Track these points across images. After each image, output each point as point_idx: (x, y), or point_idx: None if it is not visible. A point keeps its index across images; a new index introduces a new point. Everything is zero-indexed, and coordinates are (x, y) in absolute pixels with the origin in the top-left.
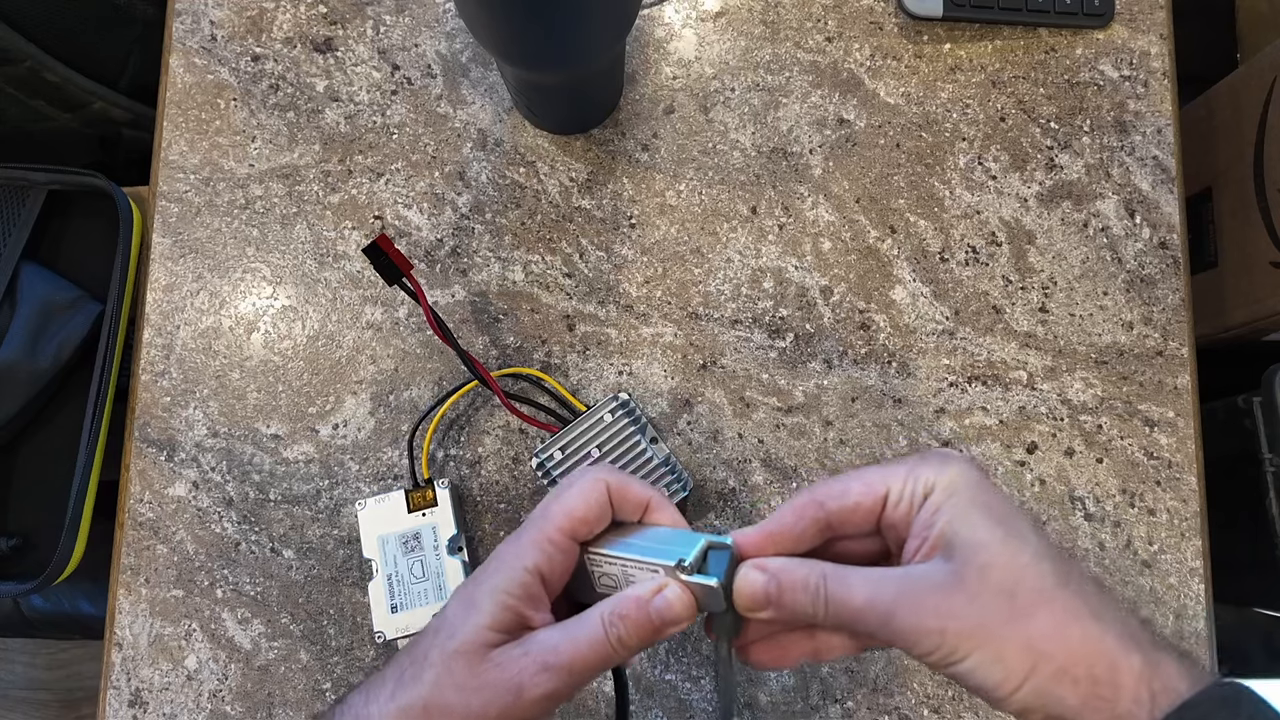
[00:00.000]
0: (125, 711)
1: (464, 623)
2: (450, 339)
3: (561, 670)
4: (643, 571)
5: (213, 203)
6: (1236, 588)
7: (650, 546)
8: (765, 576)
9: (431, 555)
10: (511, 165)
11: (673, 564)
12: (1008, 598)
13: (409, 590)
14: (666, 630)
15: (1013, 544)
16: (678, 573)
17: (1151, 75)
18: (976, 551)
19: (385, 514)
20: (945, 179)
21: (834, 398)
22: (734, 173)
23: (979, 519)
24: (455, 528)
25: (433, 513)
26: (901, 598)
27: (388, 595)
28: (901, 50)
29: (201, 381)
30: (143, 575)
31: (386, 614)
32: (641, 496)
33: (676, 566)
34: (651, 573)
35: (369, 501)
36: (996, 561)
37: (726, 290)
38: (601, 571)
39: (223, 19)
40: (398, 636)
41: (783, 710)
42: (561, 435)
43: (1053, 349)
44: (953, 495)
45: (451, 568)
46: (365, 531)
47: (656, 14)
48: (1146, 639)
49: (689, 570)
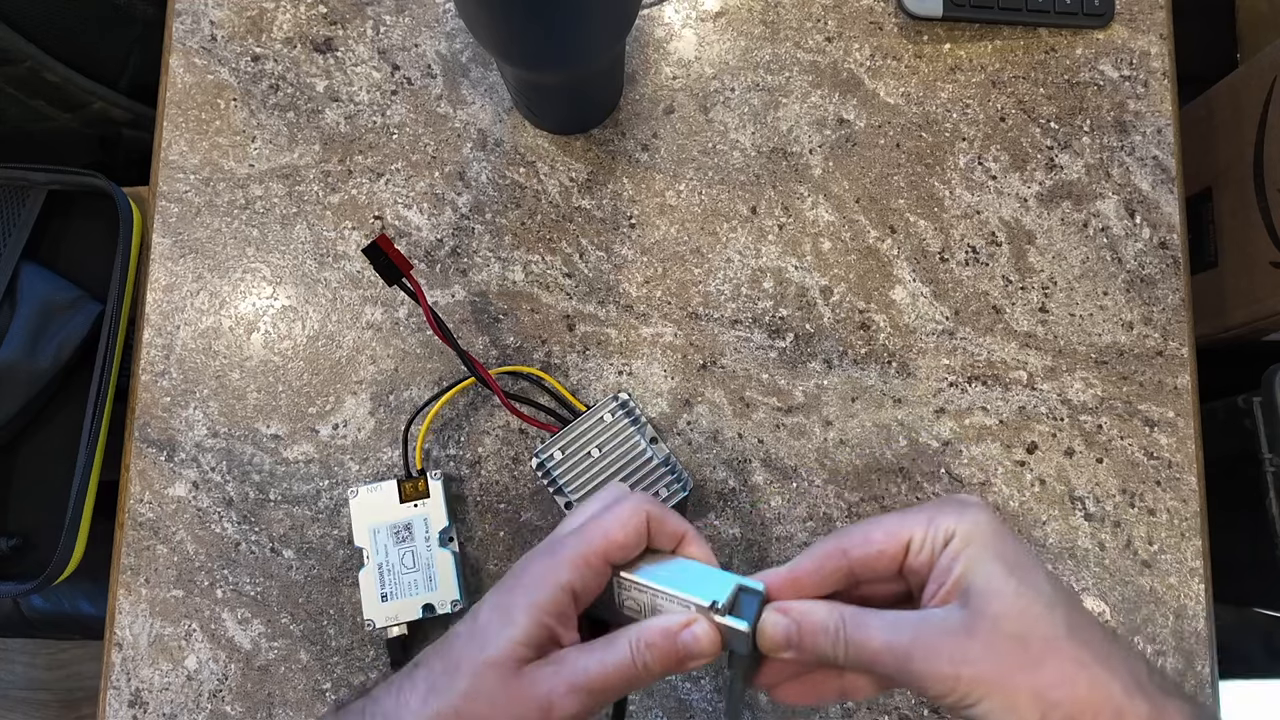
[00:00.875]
0: (125, 711)
1: (499, 634)
2: (450, 339)
3: (590, 692)
4: (673, 605)
5: (213, 203)
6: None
7: (684, 581)
8: (787, 620)
9: (423, 546)
10: (511, 165)
11: (707, 604)
12: (1020, 646)
13: (399, 580)
14: (689, 664)
15: (1027, 593)
16: (711, 613)
17: (1151, 75)
18: (991, 600)
19: (377, 503)
20: (945, 179)
21: (834, 398)
22: (734, 173)
23: (995, 567)
24: (447, 519)
25: (425, 504)
26: (918, 642)
27: (378, 584)
28: (901, 50)
29: (201, 381)
30: (143, 575)
31: (376, 602)
32: (678, 530)
33: (710, 608)
34: (684, 608)
35: (361, 490)
36: (1010, 610)
37: (726, 290)
38: (629, 596)
39: (223, 19)
40: (387, 625)
41: (782, 710)
42: (561, 435)
43: (1053, 349)
44: (970, 543)
45: (442, 559)
46: (356, 520)
47: (656, 14)
48: (1154, 685)
49: (721, 611)
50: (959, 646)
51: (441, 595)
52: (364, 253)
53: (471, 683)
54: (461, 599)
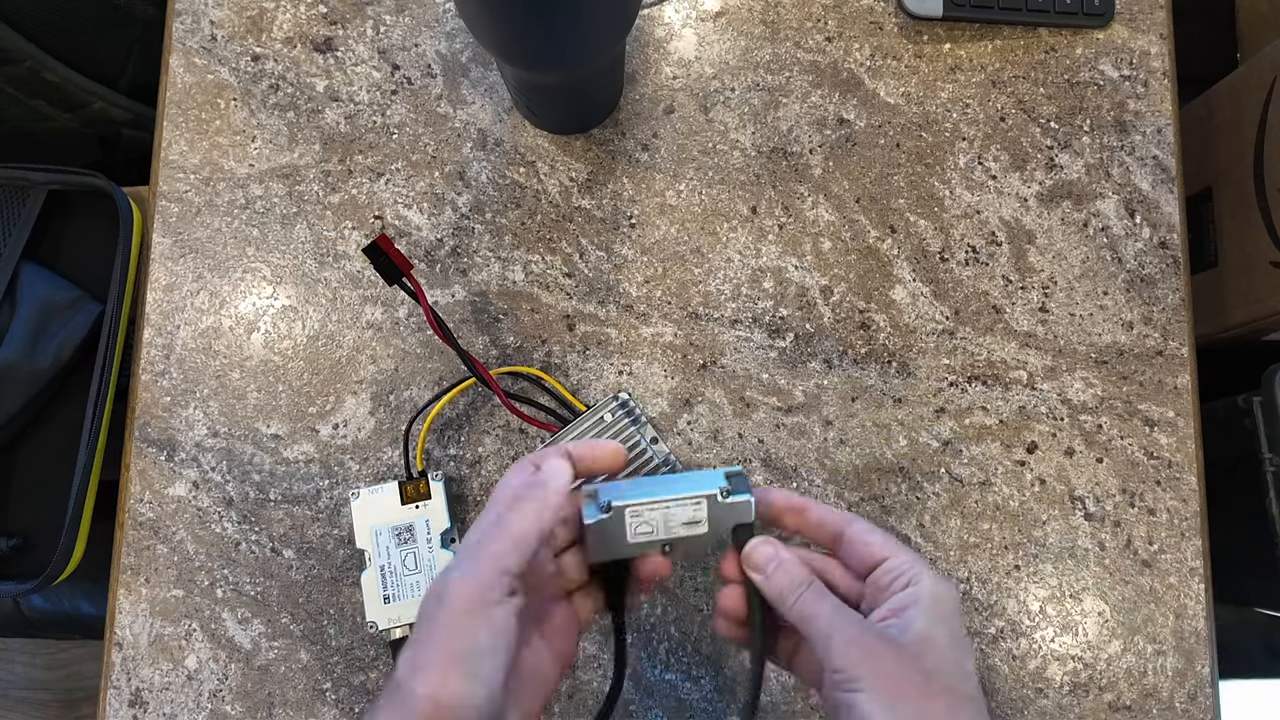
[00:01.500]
0: (125, 711)
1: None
2: (450, 339)
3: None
4: (684, 508)
5: (213, 203)
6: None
7: (680, 486)
8: (773, 552)
9: (425, 548)
10: (511, 165)
11: (715, 491)
12: (925, 678)
13: (402, 582)
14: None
15: (954, 656)
16: (721, 498)
17: (1151, 75)
18: (925, 640)
19: (379, 505)
20: (945, 179)
21: (834, 397)
22: (734, 172)
23: (942, 628)
24: (449, 521)
25: (426, 505)
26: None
27: (381, 586)
28: (901, 50)
29: (201, 381)
30: (143, 575)
31: (379, 604)
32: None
33: (720, 493)
34: (695, 505)
35: (363, 492)
36: (935, 653)
37: (726, 290)
38: (640, 522)
39: (223, 19)
40: (390, 627)
41: (783, 710)
42: (561, 435)
43: (1053, 349)
44: (936, 600)
45: (444, 561)
46: (358, 522)
47: (656, 14)
48: None
49: (725, 494)
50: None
51: None
52: (364, 252)
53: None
54: None
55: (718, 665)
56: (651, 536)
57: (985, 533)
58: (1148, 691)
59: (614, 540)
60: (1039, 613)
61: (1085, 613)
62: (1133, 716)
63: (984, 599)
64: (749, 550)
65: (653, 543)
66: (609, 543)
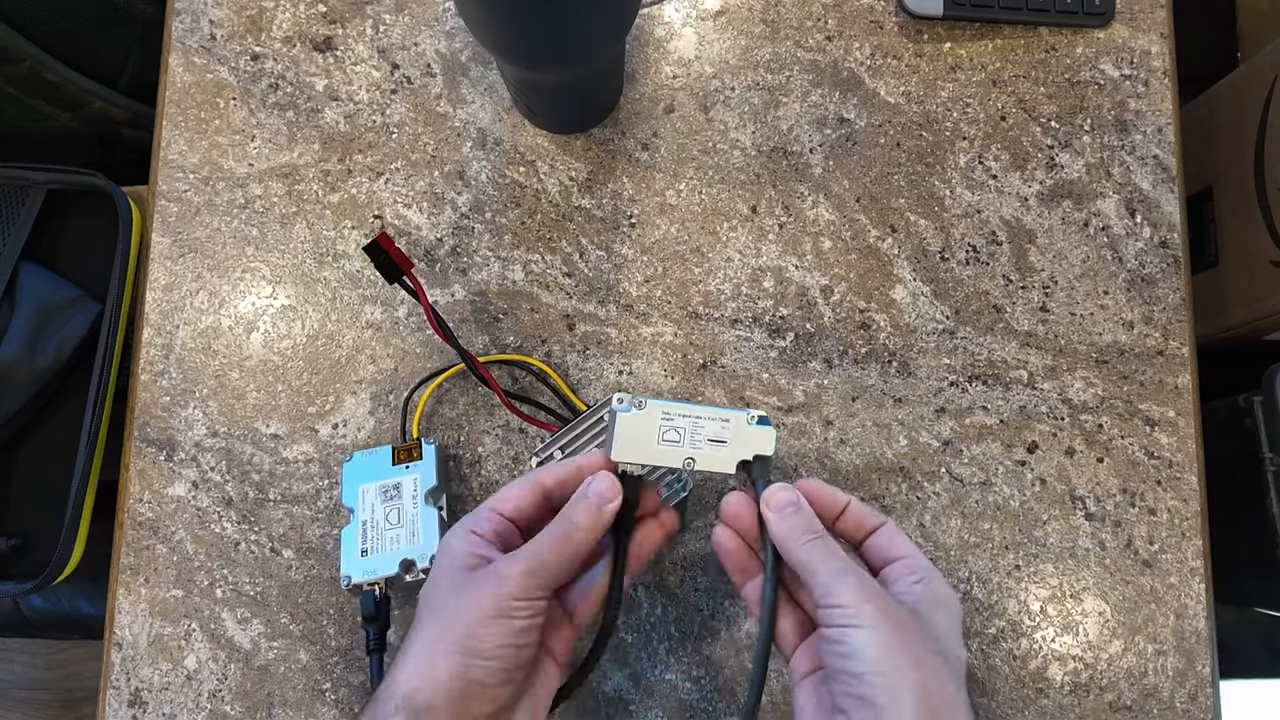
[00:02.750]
0: (125, 711)
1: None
2: (450, 338)
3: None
4: (713, 423)
5: (212, 202)
6: (1237, 588)
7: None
8: (794, 498)
9: (410, 504)
10: (511, 164)
11: (746, 415)
12: (925, 635)
13: (382, 536)
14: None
15: (952, 644)
16: (746, 422)
17: (1152, 74)
18: (928, 617)
19: (370, 466)
20: (945, 178)
21: (834, 397)
22: (734, 172)
23: (942, 614)
24: (436, 480)
25: (416, 466)
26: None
27: (359, 540)
28: (902, 49)
29: (201, 381)
30: (142, 575)
31: (356, 558)
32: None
33: (749, 418)
34: (723, 422)
35: (357, 455)
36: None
37: (726, 290)
38: (670, 426)
39: (222, 18)
40: (363, 580)
41: (783, 710)
42: (562, 434)
43: (1053, 348)
44: (942, 599)
45: (428, 516)
46: (347, 481)
47: (656, 13)
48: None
49: (752, 420)
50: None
51: (422, 550)
52: (364, 251)
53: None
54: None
55: (718, 665)
56: (677, 445)
57: (985, 532)
58: (1148, 691)
59: (641, 439)
60: (1039, 613)
61: (1086, 613)
62: (1133, 716)
63: (984, 599)
64: (770, 492)
65: (676, 453)
66: (635, 441)
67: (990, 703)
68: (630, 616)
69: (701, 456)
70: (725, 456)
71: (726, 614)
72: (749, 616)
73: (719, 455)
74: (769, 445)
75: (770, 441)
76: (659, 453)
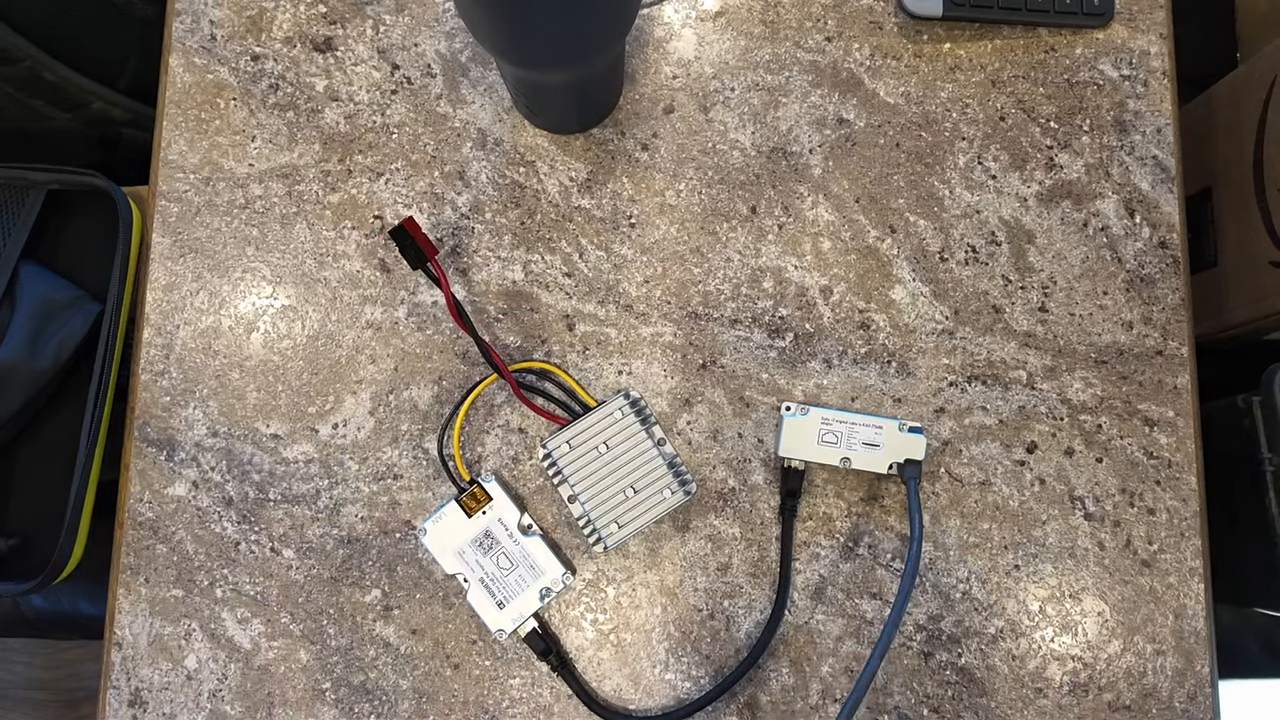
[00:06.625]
0: (125, 711)
1: None
2: (470, 327)
3: None
4: (868, 429)
5: (212, 202)
6: (1236, 588)
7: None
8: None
9: (510, 544)
10: (511, 165)
11: (898, 423)
12: None
13: (506, 583)
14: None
15: None
16: (899, 428)
17: (1151, 75)
18: None
19: (449, 529)
20: (945, 178)
21: (834, 397)
22: (734, 172)
23: None
24: (518, 510)
25: (491, 508)
26: None
27: (490, 596)
28: (901, 50)
29: (201, 381)
30: (142, 575)
31: (496, 613)
32: None
33: (900, 425)
34: (877, 428)
35: (428, 525)
36: None
37: (726, 290)
38: (828, 430)
39: (222, 18)
40: (517, 625)
41: (782, 710)
42: (570, 428)
43: (1052, 348)
44: None
45: (534, 547)
46: (438, 552)
47: (656, 14)
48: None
49: (904, 428)
50: None
51: (551, 575)
52: (390, 234)
53: None
54: (568, 569)
55: (718, 665)
56: (835, 445)
57: (985, 533)
58: (1147, 691)
59: (803, 440)
60: (1039, 613)
61: (1085, 613)
62: (1132, 716)
63: (984, 599)
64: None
65: (834, 452)
66: (798, 440)
67: (989, 703)
68: (630, 616)
69: (857, 457)
70: (879, 458)
71: (727, 614)
72: (748, 616)
73: (873, 457)
74: (920, 451)
75: (921, 447)
76: (818, 451)
